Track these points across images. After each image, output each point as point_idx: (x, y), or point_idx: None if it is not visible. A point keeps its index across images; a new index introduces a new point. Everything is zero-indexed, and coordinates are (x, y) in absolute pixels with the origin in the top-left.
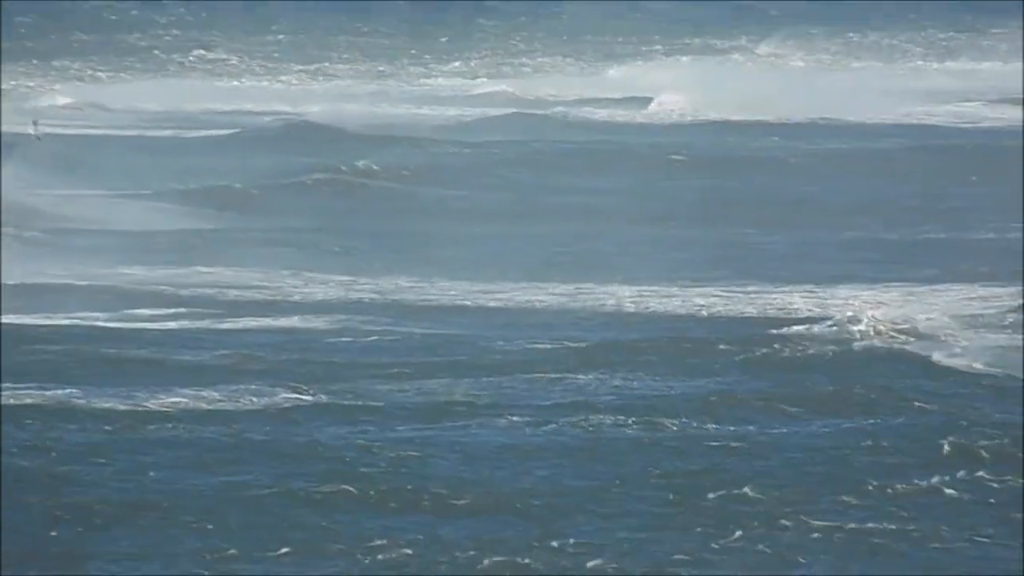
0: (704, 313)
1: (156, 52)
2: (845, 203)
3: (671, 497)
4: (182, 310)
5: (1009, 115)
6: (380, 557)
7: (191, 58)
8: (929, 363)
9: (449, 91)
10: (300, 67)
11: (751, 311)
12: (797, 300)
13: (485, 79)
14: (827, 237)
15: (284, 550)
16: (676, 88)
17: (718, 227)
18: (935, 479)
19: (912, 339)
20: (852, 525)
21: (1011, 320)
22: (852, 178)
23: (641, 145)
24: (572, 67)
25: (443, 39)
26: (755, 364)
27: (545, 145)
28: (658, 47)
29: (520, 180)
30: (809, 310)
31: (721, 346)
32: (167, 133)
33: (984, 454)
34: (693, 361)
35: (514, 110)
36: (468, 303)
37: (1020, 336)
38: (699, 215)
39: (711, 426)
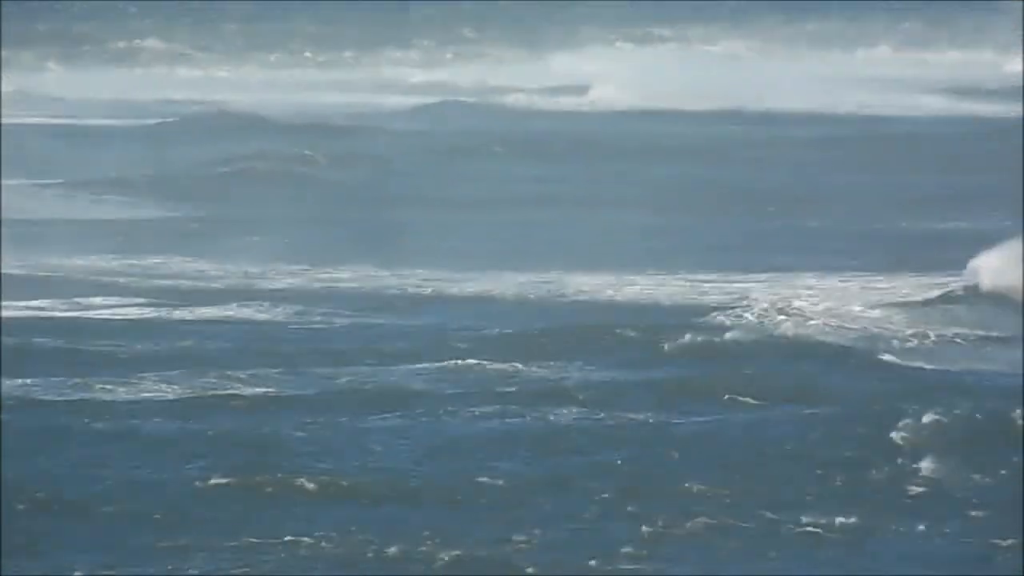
0: (667, 302)
1: (109, 43)
2: (803, 192)
3: (635, 490)
4: (139, 300)
5: (967, 106)
6: (340, 550)
7: (136, 47)
8: (882, 354)
9: (395, 80)
10: (252, 57)
11: (709, 299)
12: (755, 289)
13: (430, 68)
14: (786, 225)
15: (242, 542)
16: (622, 77)
17: (675, 215)
18: (895, 473)
19: (866, 330)
20: (817, 519)
21: (964, 312)
22: (808, 167)
23: (588, 133)
24: (523, 56)
25: (393, 29)
26: (710, 353)
27: (491, 133)
28: (611, 37)
29: (469, 169)
30: (766, 299)
31: (678, 334)
32: (110, 122)
33: (941, 449)
34: (651, 349)
35: (461, 99)
36: (429, 292)
37: (968, 329)
38: (655, 203)
39: (670, 416)
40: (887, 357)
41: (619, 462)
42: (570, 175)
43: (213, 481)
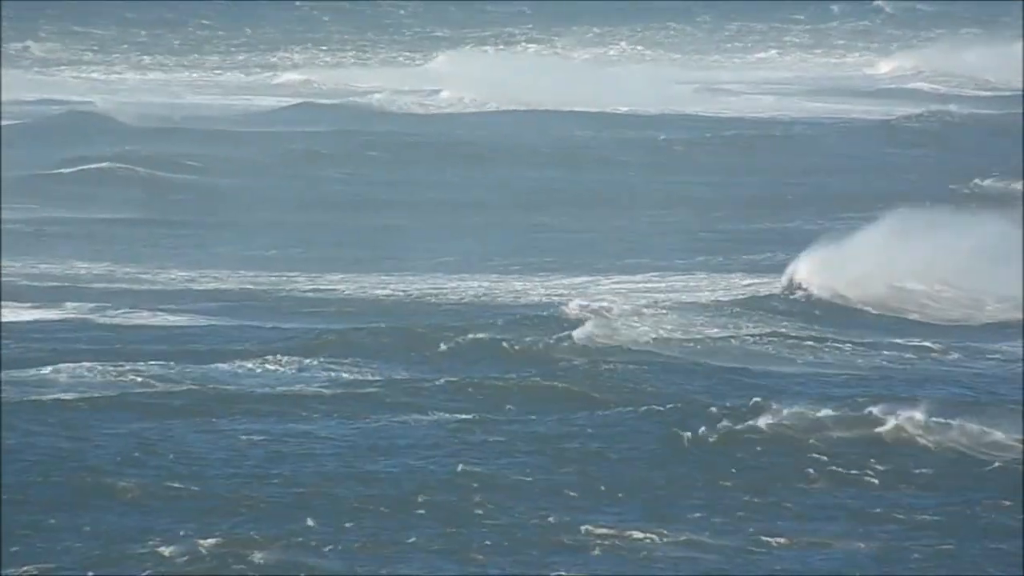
0: (536, 299)
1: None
2: (644, 193)
3: (544, 500)
4: (61, 303)
5: (841, 108)
6: (277, 557)
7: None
8: (718, 357)
9: (260, 83)
10: (137, 60)
11: (545, 300)
12: (586, 291)
13: (300, 70)
14: (621, 227)
15: (166, 550)
16: (476, 80)
17: (536, 216)
18: (768, 479)
19: (696, 333)
20: (692, 534)
21: (788, 313)
22: (651, 168)
23: (446, 136)
24: (397, 59)
25: (275, 32)
26: (547, 356)
27: (345, 136)
28: (490, 40)
29: (329, 171)
30: (599, 302)
31: (547, 337)
32: None
33: (805, 456)
34: (526, 353)
35: (320, 101)
36: (299, 295)
37: (790, 331)
38: (514, 205)
39: (554, 419)
40: (720, 361)
41: (499, 468)
42: (425, 178)
43: (132, 486)
